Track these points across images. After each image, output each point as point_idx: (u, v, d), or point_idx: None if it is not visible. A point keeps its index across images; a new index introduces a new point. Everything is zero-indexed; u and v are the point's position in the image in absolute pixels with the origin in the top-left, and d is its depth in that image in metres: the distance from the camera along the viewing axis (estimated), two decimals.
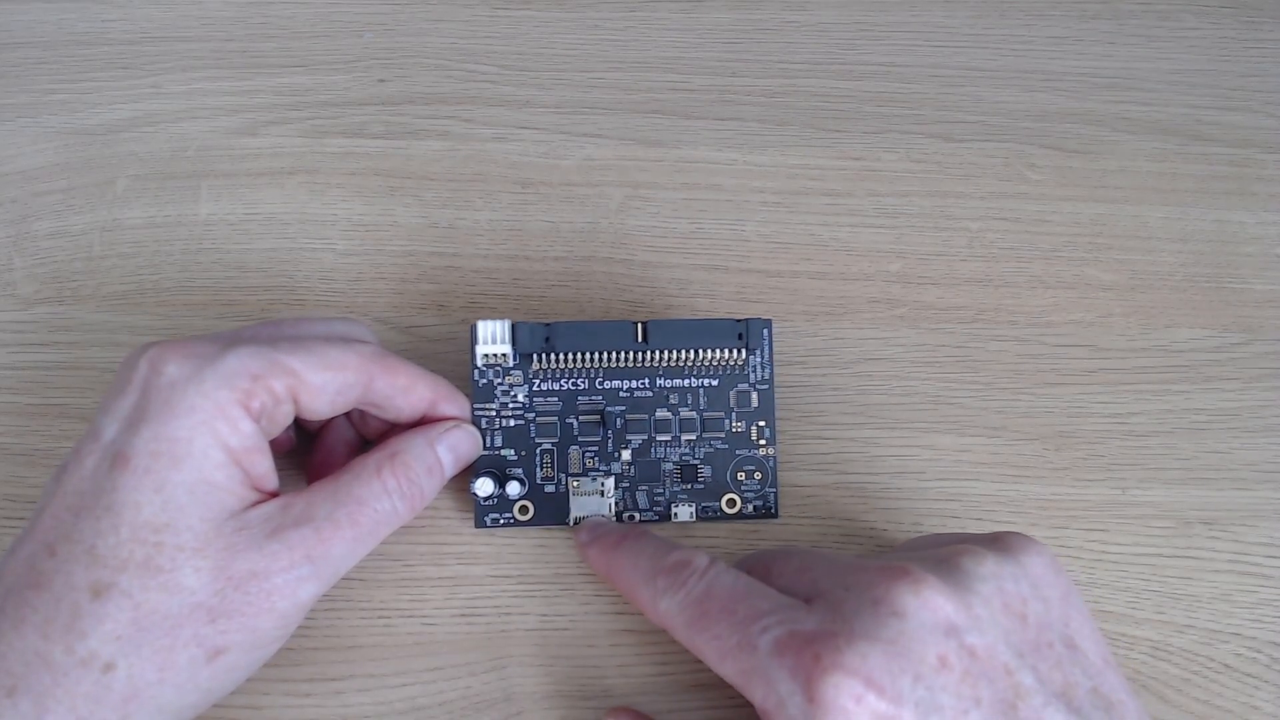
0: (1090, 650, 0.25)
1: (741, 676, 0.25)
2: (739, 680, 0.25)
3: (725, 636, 0.25)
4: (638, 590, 0.28)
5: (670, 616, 0.27)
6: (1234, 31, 0.42)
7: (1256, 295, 0.37)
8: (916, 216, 0.38)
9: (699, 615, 0.26)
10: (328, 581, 0.27)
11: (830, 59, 0.41)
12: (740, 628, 0.25)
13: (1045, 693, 0.24)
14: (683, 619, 0.27)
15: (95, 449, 0.26)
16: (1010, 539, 0.26)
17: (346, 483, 0.28)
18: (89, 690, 0.24)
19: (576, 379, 0.32)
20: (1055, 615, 0.25)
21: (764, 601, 0.26)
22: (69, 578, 0.24)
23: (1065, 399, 0.35)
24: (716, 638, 0.26)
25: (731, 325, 0.31)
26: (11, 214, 0.37)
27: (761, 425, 0.32)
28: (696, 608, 0.26)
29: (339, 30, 0.41)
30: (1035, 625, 0.25)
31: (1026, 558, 0.26)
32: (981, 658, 0.24)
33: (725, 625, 0.25)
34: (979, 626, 0.24)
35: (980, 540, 0.27)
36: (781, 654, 0.24)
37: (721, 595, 0.26)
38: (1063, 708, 0.24)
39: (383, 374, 0.28)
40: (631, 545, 0.29)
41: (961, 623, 0.24)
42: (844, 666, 0.23)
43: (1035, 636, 0.25)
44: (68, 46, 0.41)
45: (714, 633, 0.26)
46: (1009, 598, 0.25)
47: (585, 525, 0.31)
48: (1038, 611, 0.25)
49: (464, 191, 0.38)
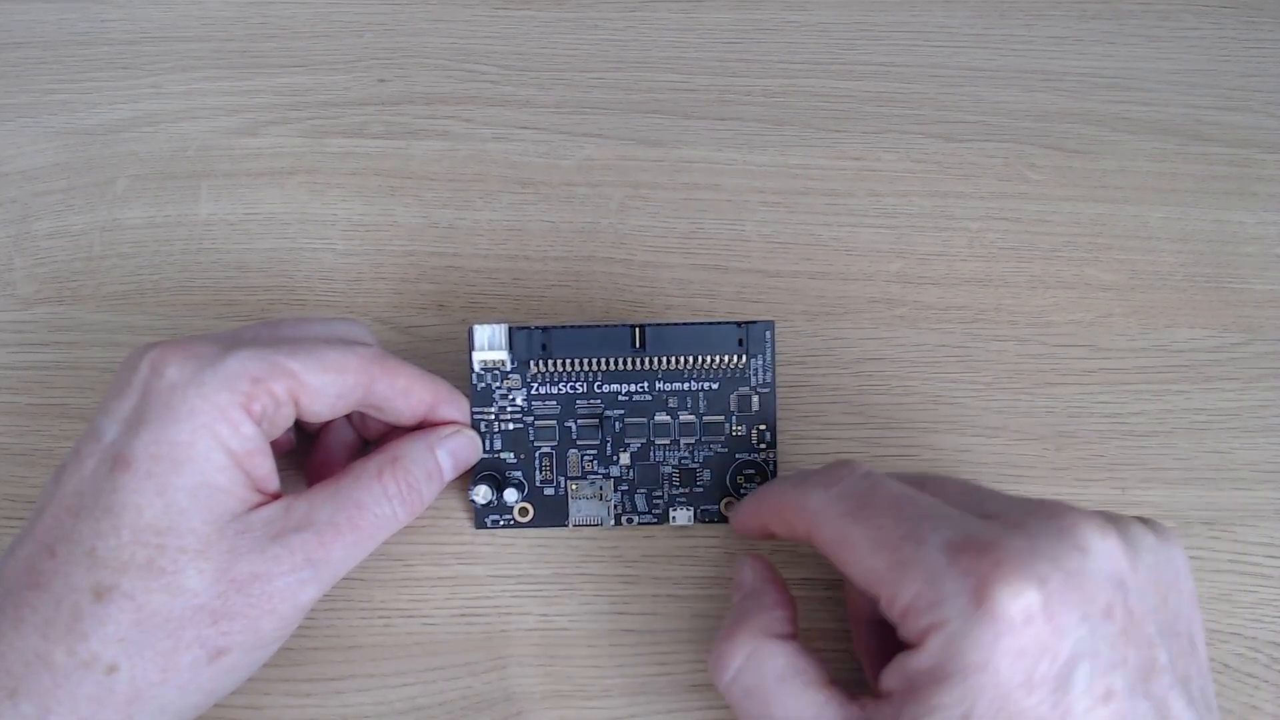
0: (1203, 652, 0.25)
1: (896, 570, 0.23)
2: (891, 573, 0.24)
3: (889, 528, 0.24)
4: (784, 494, 0.27)
5: (823, 508, 0.26)
6: (1234, 31, 0.42)
7: (1256, 295, 0.37)
8: (916, 216, 0.38)
9: (859, 506, 0.25)
10: (327, 584, 0.27)
11: (830, 59, 0.41)
12: (908, 522, 0.24)
13: (1173, 675, 0.23)
14: (839, 509, 0.25)
15: (95, 450, 0.26)
16: (1161, 525, 0.26)
17: (347, 486, 0.28)
18: (92, 692, 0.24)
19: (575, 382, 0.32)
20: (1186, 609, 0.25)
21: (935, 506, 0.24)
22: (69, 579, 0.24)
23: (1065, 399, 0.35)
24: (879, 528, 0.24)
25: (732, 330, 0.31)
26: (11, 214, 0.37)
27: (762, 429, 0.32)
28: (857, 499, 0.25)
29: (339, 30, 0.41)
30: (1172, 611, 0.25)
31: (1174, 548, 0.25)
32: (1137, 620, 0.23)
33: (890, 518, 0.24)
34: (1141, 591, 0.24)
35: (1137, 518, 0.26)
36: (955, 551, 0.23)
37: (886, 492, 0.25)
38: (1184, 695, 0.23)
39: (383, 376, 0.28)
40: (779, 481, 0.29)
41: (1131, 582, 0.23)
42: (1028, 578, 0.22)
43: (1171, 621, 0.24)
44: (68, 46, 0.41)
45: (875, 523, 0.24)
46: (1162, 577, 0.24)
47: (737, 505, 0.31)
48: (1175, 600, 0.25)
49: (464, 191, 0.38)
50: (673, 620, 0.32)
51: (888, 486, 0.26)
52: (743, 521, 0.30)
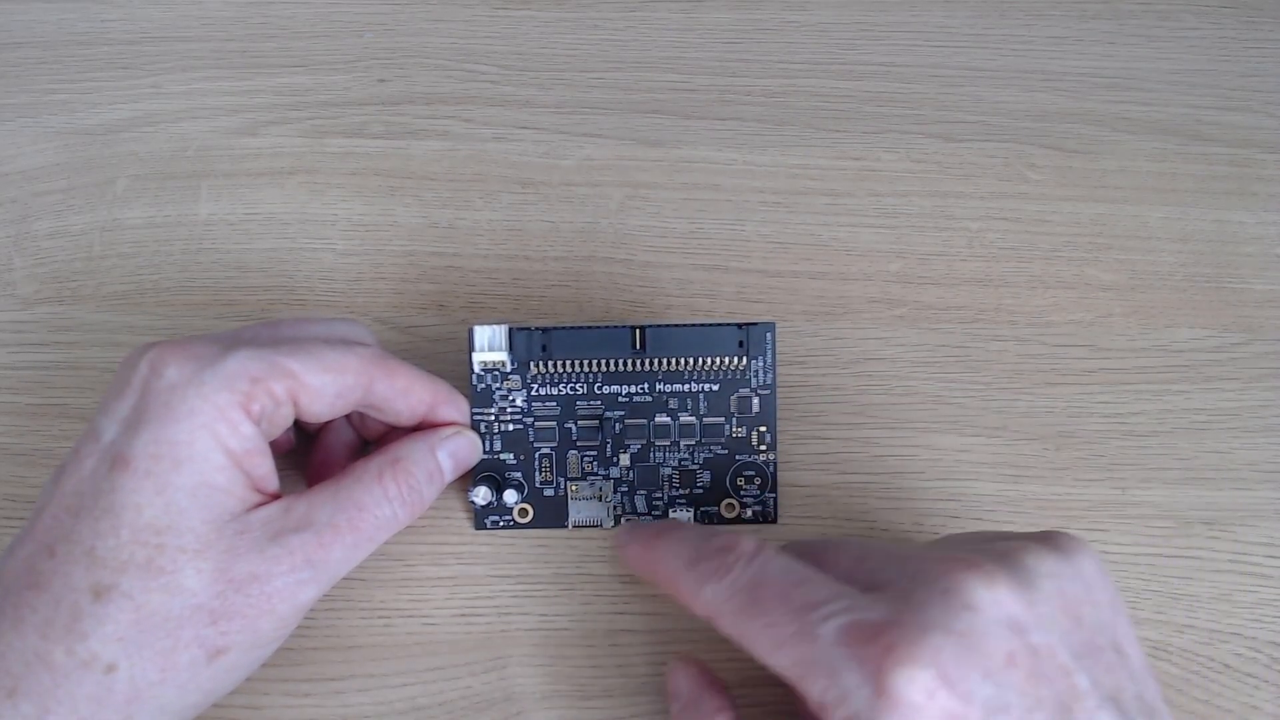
0: (1134, 656, 0.25)
1: (799, 668, 0.23)
2: (795, 672, 0.24)
3: (781, 624, 0.24)
4: (679, 579, 0.26)
5: (717, 604, 0.25)
6: (1234, 31, 0.42)
7: (1256, 295, 0.37)
8: (916, 216, 0.38)
9: (750, 603, 0.25)
10: (326, 585, 0.27)
11: (830, 59, 0.41)
12: (798, 615, 0.24)
13: (1098, 696, 0.23)
14: (731, 606, 0.25)
15: (94, 450, 0.26)
16: (1062, 539, 0.26)
17: (347, 487, 0.28)
18: (91, 691, 0.24)
19: (575, 383, 0.32)
20: (1105, 619, 0.25)
21: (822, 588, 0.24)
22: (68, 579, 0.24)
23: (1065, 399, 0.35)
24: (771, 625, 0.24)
25: (733, 332, 0.31)
26: (11, 214, 0.37)
27: (762, 430, 0.32)
28: (746, 595, 0.25)
29: (339, 30, 0.41)
30: (1089, 627, 0.24)
31: (1080, 559, 0.25)
32: (1044, 657, 0.23)
33: (780, 613, 0.24)
34: (1042, 625, 0.23)
35: (1035, 538, 0.26)
36: (848, 643, 0.23)
37: (774, 581, 0.25)
38: (1114, 711, 0.23)
39: (383, 377, 0.28)
40: (672, 534, 0.28)
41: (1026, 620, 0.23)
42: (918, 659, 0.22)
43: (1089, 639, 0.24)
44: (68, 46, 0.41)
45: (767, 620, 0.24)
46: (1067, 598, 0.24)
47: (623, 527, 0.30)
48: (1090, 614, 0.24)
49: (464, 191, 0.38)
50: (672, 620, 0.32)
51: (774, 570, 0.25)
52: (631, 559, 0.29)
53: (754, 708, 0.30)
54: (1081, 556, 0.25)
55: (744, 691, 0.30)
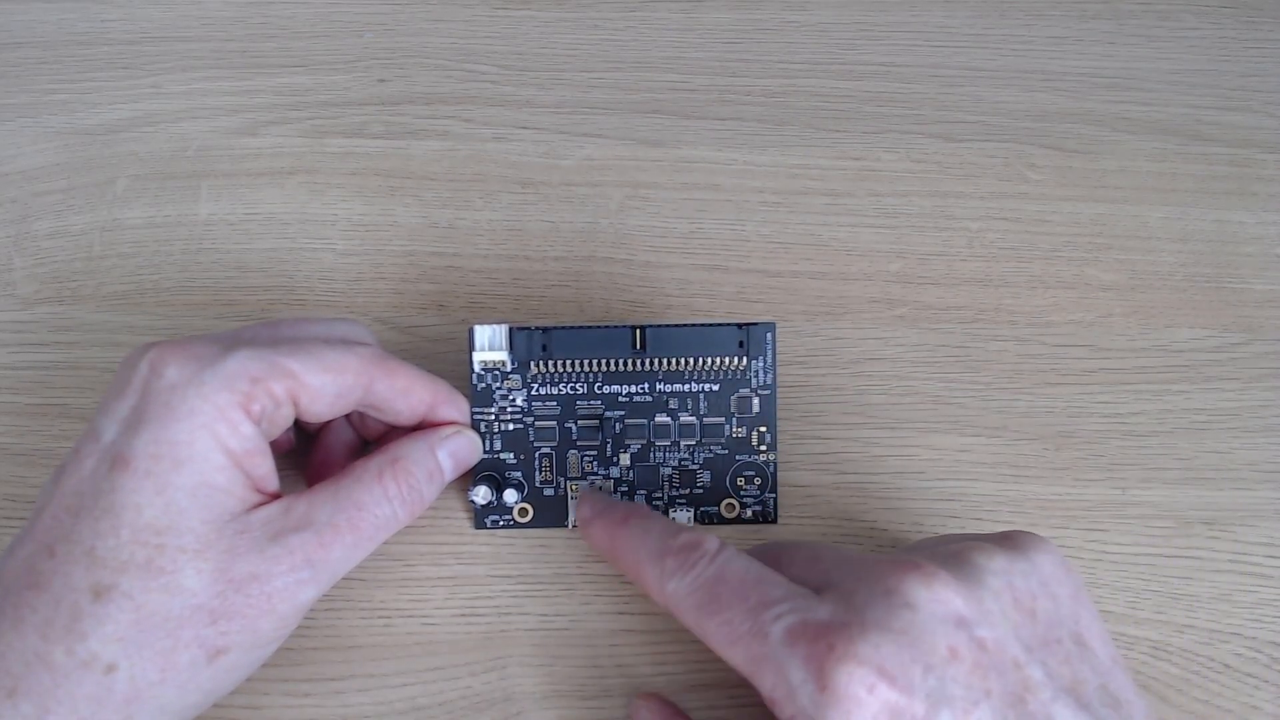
0: (1098, 648, 0.25)
1: (751, 664, 0.25)
2: (748, 668, 0.25)
3: (736, 623, 0.25)
4: (643, 570, 0.28)
5: (678, 599, 0.26)
6: (1234, 31, 0.42)
7: (1256, 295, 0.37)
8: (916, 216, 0.38)
9: (709, 599, 0.26)
10: (326, 585, 0.27)
11: (830, 59, 0.41)
12: (752, 615, 0.25)
13: (1054, 687, 0.24)
14: (691, 602, 0.26)
15: (95, 450, 0.26)
16: (1020, 537, 0.26)
17: (347, 487, 0.28)
18: (91, 691, 0.24)
19: (575, 383, 0.32)
20: (1065, 612, 0.25)
21: (776, 589, 0.25)
22: (68, 579, 0.24)
23: (1065, 399, 0.35)
24: (727, 623, 0.25)
25: (733, 332, 0.31)
26: (11, 214, 0.37)
27: (762, 430, 0.32)
28: (706, 591, 0.26)
29: (339, 30, 0.41)
30: (1044, 621, 0.25)
31: (1036, 555, 0.26)
32: (991, 650, 0.24)
33: (736, 611, 0.25)
34: (989, 620, 0.24)
35: (990, 538, 0.27)
36: (794, 642, 0.24)
37: (733, 580, 0.26)
38: (1071, 703, 0.24)
39: (382, 377, 0.28)
40: (638, 524, 0.29)
41: (971, 615, 0.24)
42: (857, 656, 0.23)
43: (1044, 632, 0.25)
44: (68, 46, 0.41)
45: (724, 618, 0.25)
46: (1019, 593, 0.25)
47: (585, 498, 0.31)
48: (1047, 608, 0.25)
49: (464, 191, 0.38)
50: (672, 620, 0.32)
51: (734, 570, 0.26)
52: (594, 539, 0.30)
53: (751, 708, 0.30)
54: (1037, 553, 0.26)
55: (741, 692, 0.30)
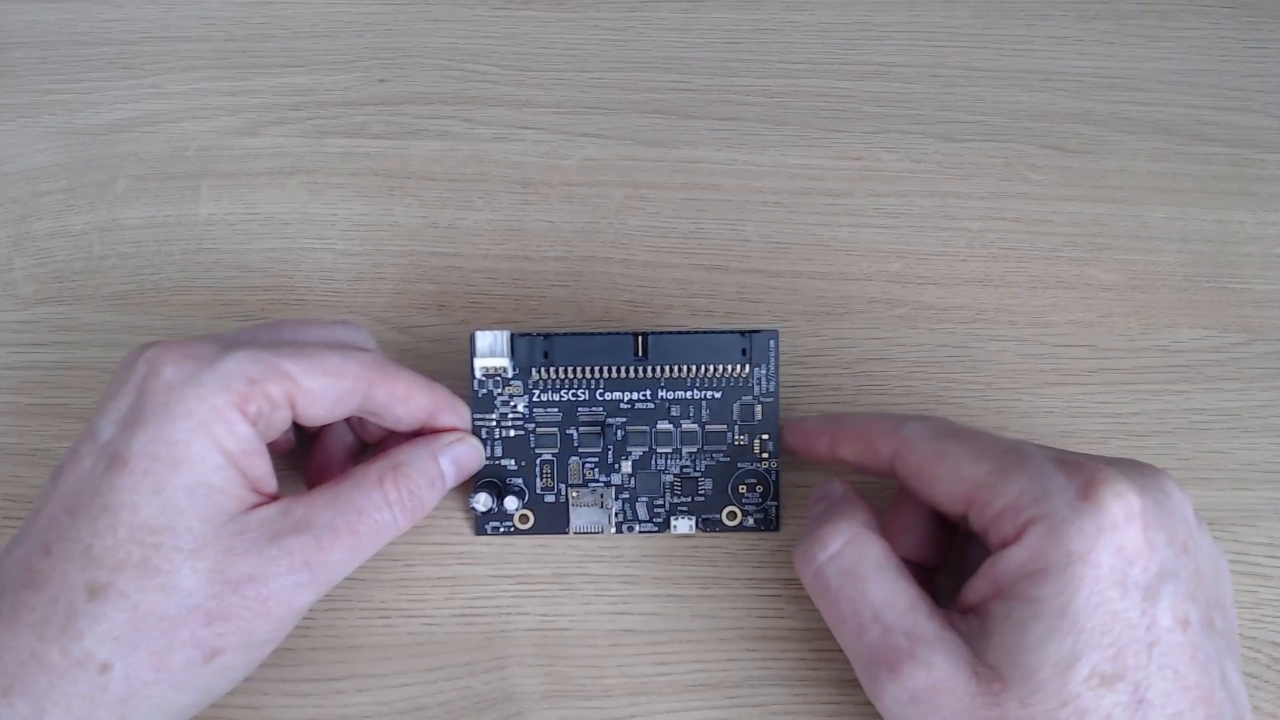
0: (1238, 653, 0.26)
1: (996, 473, 0.25)
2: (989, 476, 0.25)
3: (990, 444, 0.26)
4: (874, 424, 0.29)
5: (916, 435, 0.27)
6: (1234, 31, 0.42)
7: (1257, 295, 0.37)
8: (916, 216, 0.38)
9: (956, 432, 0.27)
10: (324, 588, 0.27)
11: (830, 59, 0.41)
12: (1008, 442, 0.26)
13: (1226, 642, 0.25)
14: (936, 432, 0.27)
15: (92, 450, 0.26)
16: None
17: (347, 491, 0.27)
18: (85, 691, 0.24)
19: (577, 389, 0.32)
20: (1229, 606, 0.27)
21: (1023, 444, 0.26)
22: (65, 578, 0.24)
23: (1065, 399, 0.35)
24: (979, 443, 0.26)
25: (735, 340, 0.31)
26: (11, 214, 0.37)
27: (764, 438, 0.32)
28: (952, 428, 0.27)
29: (339, 30, 0.41)
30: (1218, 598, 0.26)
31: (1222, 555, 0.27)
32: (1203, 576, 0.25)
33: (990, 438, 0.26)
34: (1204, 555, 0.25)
35: None
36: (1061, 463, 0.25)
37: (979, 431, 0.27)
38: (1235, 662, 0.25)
39: (382, 382, 0.28)
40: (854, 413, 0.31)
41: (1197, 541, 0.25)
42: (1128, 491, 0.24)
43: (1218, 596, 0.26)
44: (68, 46, 0.41)
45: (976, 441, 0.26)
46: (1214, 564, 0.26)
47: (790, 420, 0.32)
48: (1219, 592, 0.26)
49: (464, 191, 0.38)
50: (673, 620, 0.32)
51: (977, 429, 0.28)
52: (807, 435, 0.31)
53: (751, 708, 0.30)
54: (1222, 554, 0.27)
55: (741, 692, 0.30)
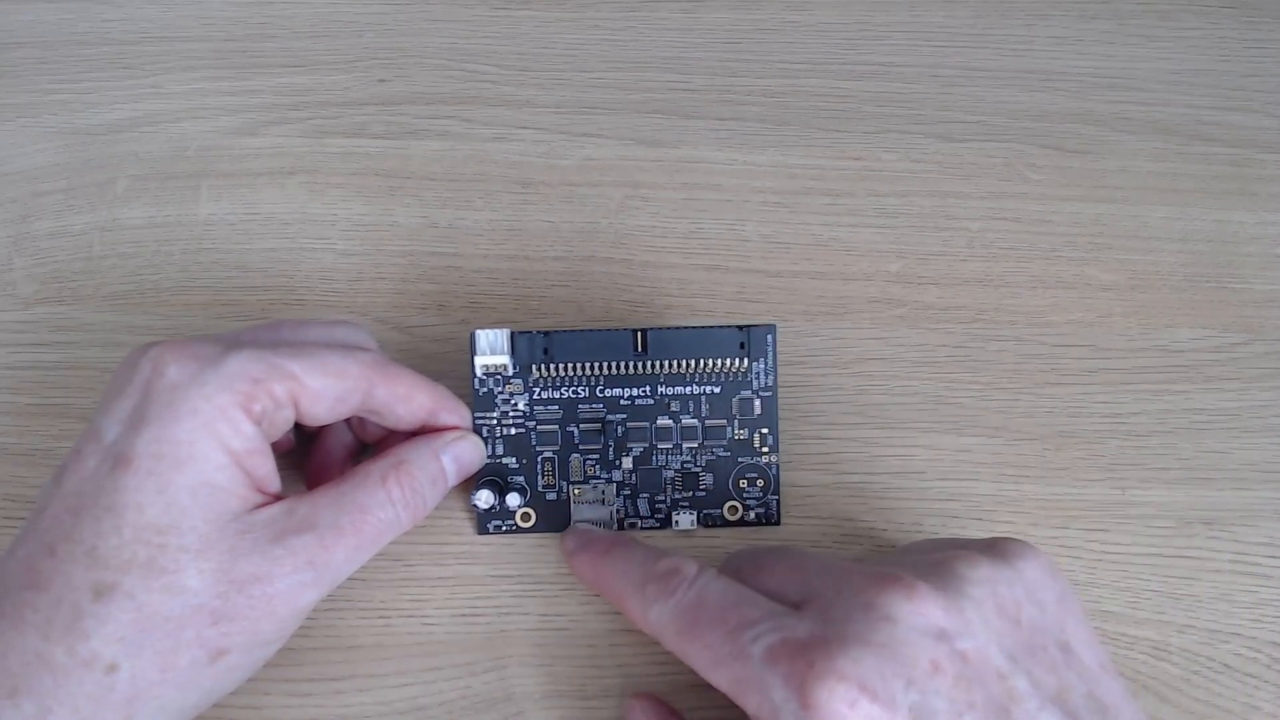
0: (1086, 655, 0.25)
1: (735, 685, 0.25)
2: (732, 689, 0.25)
3: (717, 645, 0.25)
4: (627, 599, 0.28)
5: (661, 625, 0.27)
6: (1234, 31, 0.42)
7: (1257, 295, 0.37)
8: (916, 216, 0.38)
9: (690, 624, 0.26)
10: (328, 587, 0.27)
11: (830, 59, 0.41)
12: (732, 636, 0.25)
13: (1040, 697, 0.23)
14: (673, 628, 0.26)
15: (96, 449, 0.26)
16: (1005, 544, 0.26)
17: (350, 490, 0.28)
18: (91, 691, 0.24)
19: (577, 387, 0.32)
20: (1050, 620, 0.25)
21: (755, 609, 0.25)
22: (69, 578, 0.24)
23: (1065, 399, 0.35)
24: (708, 646, 0.25)
25: (734, 334, 0.31)
26: (11, 214, 0.37)
27: (764, 433, 0.32)
28: (687, 616, 0.26)
29: (339, 30, 0.41)
30: (1029, 629, 0.25)
31: (1021, 562, 0.26)
32: (974, 662, 0.23)
33: (717, 634, 0.25)
34: (971, 631, 0.24)
35: (976, 545, 0.27)
36: (775, 661, 0.24)
37: (712, 603, 0.26)
38: (1058, 712, 0.23)
39: (383, 382, 0.28)
40: (620, 553, 0.29)
41: (953, 627, 0.24)
42: (837, 671, 0.23)
43: (1029, 640, 0.24)
44: (68, 46, 0.41)
45: (705, 641, 0.25)
46: (1002, 601, 0.25)
47: (571, 533, 0.31)
48: (1032, 616, 0.25)
49: (464, 191, 0.38)
50: None
51: (713, 593, 0.26)
52: (579, 570, 0.30)
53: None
54: (1022, 560, 0.26)
55: None
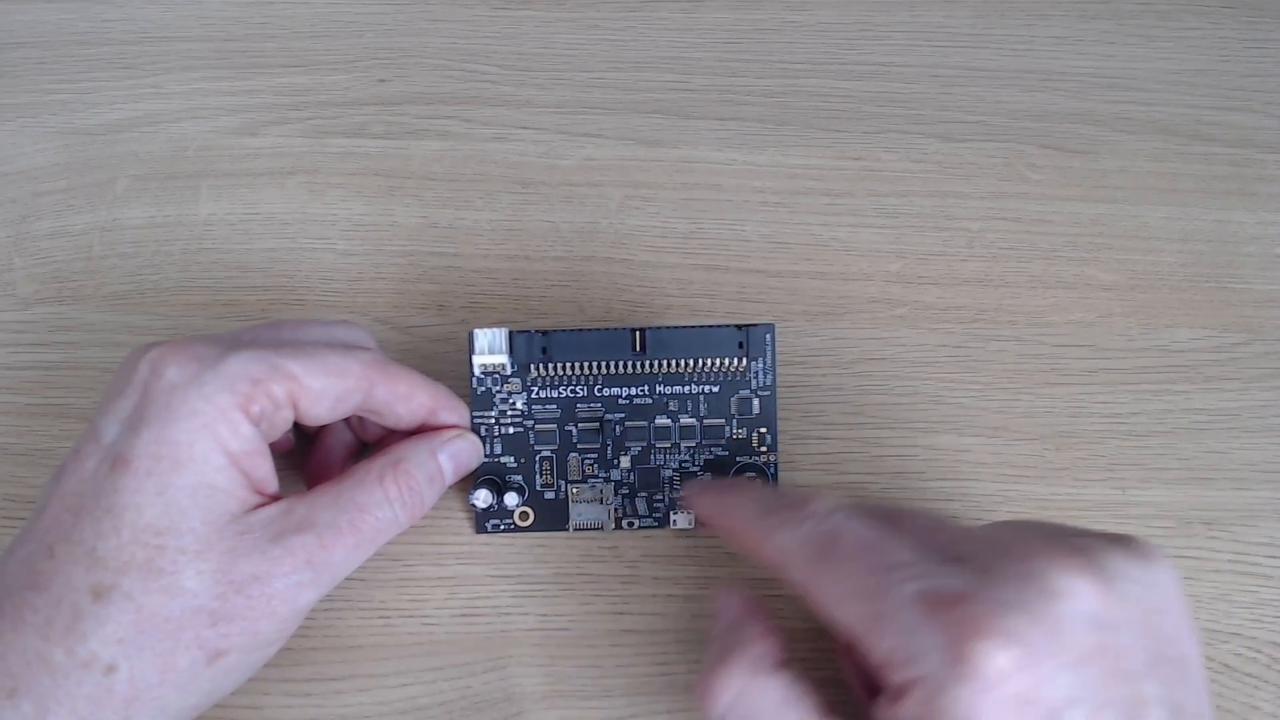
0: (1197, 674, 0.24)
1: (868, 621, 0.23)
2: (863, 627, 0.23)
3: (856, 577, 0.24)
4: (751, 525, 0.27)
5: (788, 551, 0.25)
6: (1234, 31, 0.42)
7: (1257, 295, 0.37)
8: (916, 216, 0.38)
9: (825, 552, 0.25)
10: (327, 587, 0.27)
11: (830, 59, 0.41)
12: (875, 573, 0.23)
13: (1165, 707, 0.23)
14: (805, 554, 0.25)
15: (95, 450, 0.26)
16: (1145, 546, 0.25)
17: (348, 489, 0.28)
18: (90, 692, 0.24)
19: (575, 386, 0.32)
20: (1178, 633, 0.24)
21: (902, 551, 0.24)
22: (69, 579, 0.24)
23: (1065, 399, 0.35)
24: (847, 576, 0.24)
25: (732, 333, 0.31)
26: (11, 214, 0.37)
27: (763, 432, 0.32)
28: (823, 543, 0.25)
29: (339, 30, 0.41)
30: (1163, 637, 0.24)
31: (1159, 569, 0.25)
32: (1121, 658, 0.23)
33: (857, 566, 0.24)
34: (1123, 625, 0.23)
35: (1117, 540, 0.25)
36: (930, 608, 0.22)
37: (850, 539, 0.25)
38: None
39: (383, 381, 0.28)
40: (747, 487, 0.29)
41: (1110, 618, 0.23)
42: (1003, 634, 0.22)
43: (1162, 649, 0.24)
44: (68, 46, 0.41)
45: (843, 571, 0.24)
46: (1146, 606, 0.24)
47: (693, 483, 0.31)
48: (1165, 624, 0.24)
49: (464, 191, 0.38)
50: (673, 620, 0.32)
51: (854, 530, 0.25)
52: (701, 506, 0.30)
53: None
54: (1161, 568, 0.25)
55: None
